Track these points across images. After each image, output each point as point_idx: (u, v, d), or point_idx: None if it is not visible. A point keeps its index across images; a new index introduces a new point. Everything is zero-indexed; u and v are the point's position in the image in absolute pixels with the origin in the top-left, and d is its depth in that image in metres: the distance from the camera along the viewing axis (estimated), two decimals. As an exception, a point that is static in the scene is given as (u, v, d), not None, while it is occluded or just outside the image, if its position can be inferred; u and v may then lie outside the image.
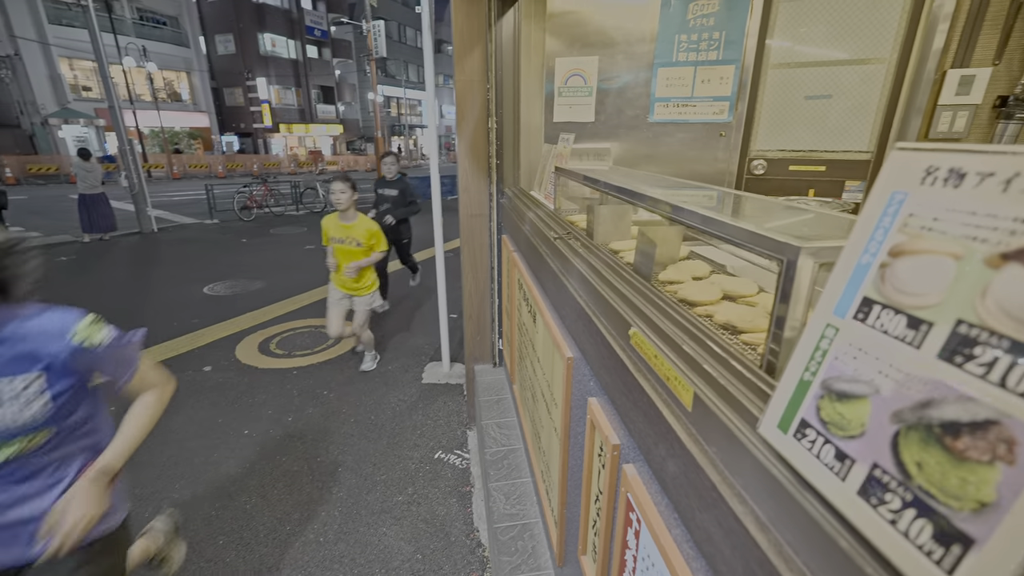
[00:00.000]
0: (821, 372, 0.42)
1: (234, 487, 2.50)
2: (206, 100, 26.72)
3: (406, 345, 4.22)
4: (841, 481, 0.38)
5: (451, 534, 2.23)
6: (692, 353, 0.64)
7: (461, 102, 2.49)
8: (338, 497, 2.45)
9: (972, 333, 0.31)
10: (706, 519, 0.54)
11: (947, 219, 0.34)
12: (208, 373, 3.69)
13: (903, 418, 0.34)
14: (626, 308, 0.86)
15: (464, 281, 2.89)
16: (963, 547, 0.29)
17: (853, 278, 0.41)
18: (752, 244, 0.63)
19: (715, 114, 2.32)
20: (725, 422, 0.54)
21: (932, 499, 0.31)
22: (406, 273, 5.67)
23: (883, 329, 0.37)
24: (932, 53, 1.97)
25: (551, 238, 1.43)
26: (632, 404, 0.77)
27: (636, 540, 0.76)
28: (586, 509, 1.09)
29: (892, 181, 0.39)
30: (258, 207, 11.02)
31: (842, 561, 0.38)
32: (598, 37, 2.40)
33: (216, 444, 2.85)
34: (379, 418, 3.15)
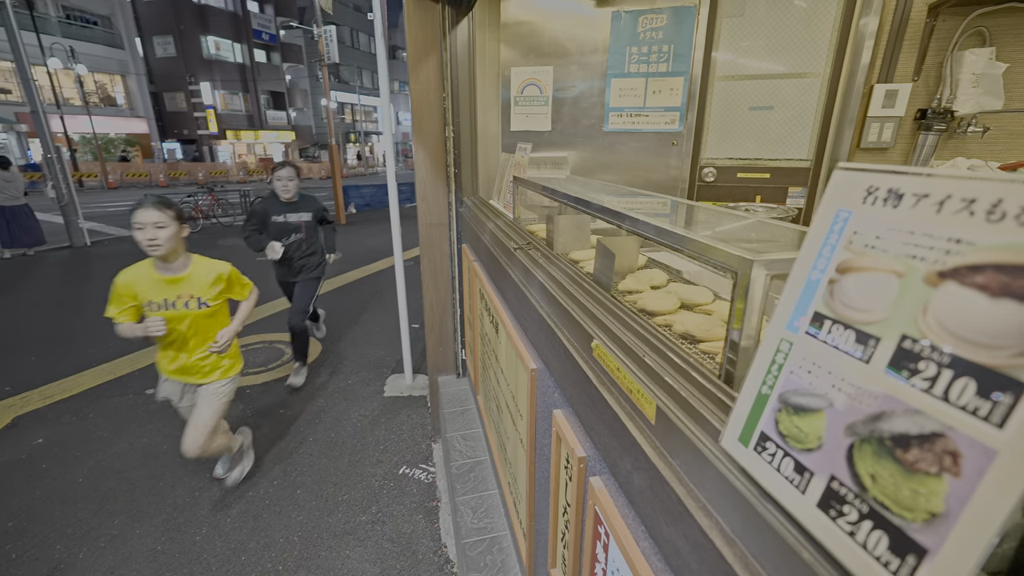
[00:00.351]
0: (778, 386, 0.43)
1: (182, 518, 2.34)
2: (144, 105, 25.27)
3: (366, 357, 4.11)
4: (801, 494, 0.39)
5: (418, 552, 2.17)
6: (654, 365, 0.65)
7: (417, 110, 2.46)
8: (297, 521, 2.34)
9: (916, 348, 0.32)
10: (672, 532, 0.55)
11: (888, 237, 0.36)
12: (151, 396, 3.45)
13: (856, 431, 0.35)
14: (587, 320, 0.87)
15: (425, 291, 2.84)
16: (917, 557, 0.30)
17: (804, 293, 0.42)
18: (706, 256, 0.65)
19: (667, 124, 2.40)
20: (688, 435, 0.54)
21: (887, 511, 0.32)
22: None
23: (834, 344, 0.38)
24: (860, 68, 2.11)
25: (512, 248, 1.43)
26: (597, 417, 0.77)
27: (605, 553, 0.76)
28: (554, 522, 1.08)
29: (837, 199, 0.40)
30: (205, 217, 10.49)
31: (805, 573, 0.38)
32: (552, 47, 2.43)
33: (162, 472, 2.67)
34: (339, 435, 3.04)
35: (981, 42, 1.95)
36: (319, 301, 4.00)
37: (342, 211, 10.99)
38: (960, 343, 0.30)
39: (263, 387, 3.60)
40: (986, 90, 1.91)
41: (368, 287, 6.10)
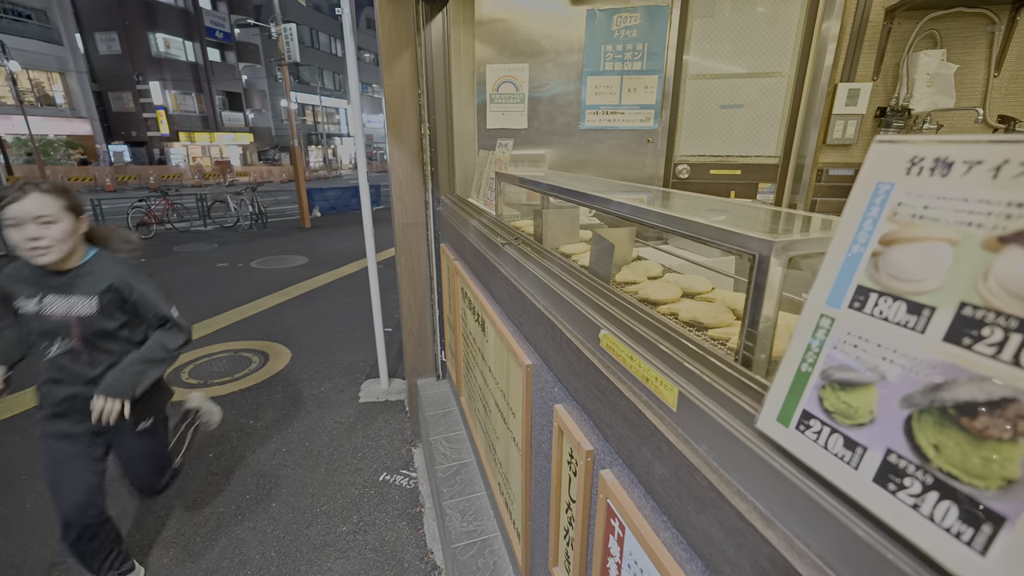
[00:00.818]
0: (820, 362, 0.42)
1: (146, 541, 2.20)
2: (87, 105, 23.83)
3: (339, 363, 3.99)
4: (854, 469, 0.38)
5: (404, 560, 2.11)
6: (671, 353, 0.64)
7: (392, 107, 2.40)
8: (274, 536, 2.23)
9: (978, 315, 0.32)
10: (704, 520, 0.54)
11: (939, 207, 0.35)
12: (106, 412, 3.23)
13: (914, 402, 0.35)
14: (591, 311, 0.85)
15: (402, 293, 2.78)
16: (994, 526, 0.30)
17: (845, 268, 0.41)
18: (722, 241, 0.64)
19: (642, 121, 2.43)
20: (717, 420, 0.53)
21: (955, 480, 0.32)
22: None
23: (883, 316, 0.38)
24: (824, 69, 2.20)
25: (499, 244, 1.40)
26: (608, 408, 0.75)
27: (620, 547, 0.75)
28: (556, 519, 1.06)
29: (876, 172, 0.40)
30: (158, 223, 9.97)
31: (861, 549, 0.38)
32: (528, 45, 2.43)
33: (122, 492, 2.49)
34: (314, 444, 2.93)
35: (933, 44, 2.07)
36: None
37: (307, 215, 10.67)
38: (1029, 306, 0.30)
39: (229, 397, 3.43)
40: (939, 89, 2.03)
41: (337, 291, 5.93)
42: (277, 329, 4.67)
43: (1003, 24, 1.96)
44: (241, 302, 5.47)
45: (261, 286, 6.12)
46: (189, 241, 9.17)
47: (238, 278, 6.53)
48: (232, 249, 8.44)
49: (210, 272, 6.86)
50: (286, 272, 6.82)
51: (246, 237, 9.56)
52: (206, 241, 9.19)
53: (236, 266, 7.19)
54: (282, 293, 5.82)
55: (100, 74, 25.36)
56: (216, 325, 4.76)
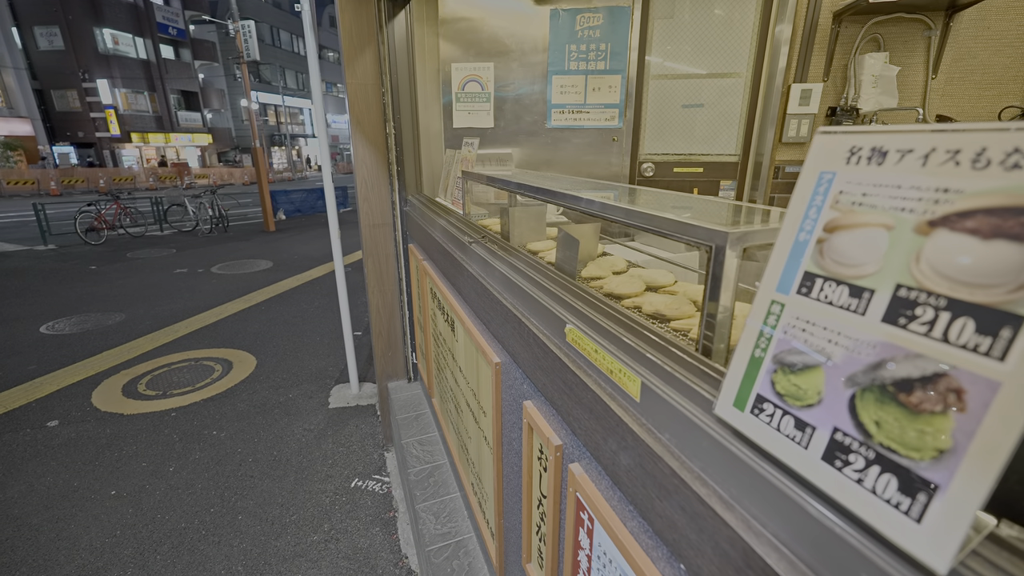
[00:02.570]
0: (772, 347, 0.44)
1: (100, 561, 2.08)
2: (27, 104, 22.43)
3: (307, 369, 3.89)
4: (804, 449, 0.40)
5: (378, 566, 2.08)
6: (634, 344, 0.65)
7: (355, 107, 2.36)
8: (240, 549, 2.15)
9: (912, 295, 0.34)
10: (667, 507, 0.55)
11: (875, 194, 0.37)
12: (54, 429, 3.06)
13: (857, 381, 0.36)
14: (558, 306, 0.86)
15: (370, 295, 2.73)
16: (928, 494, 0.31)
17: (792, 255, 0.43)
18: (680, 234, 0.66)
19: (607, 120, 2.46)
20: (678, 408, 0.54)
21: (894, 454, 0.34)
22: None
23: (828, 300, 0.39)
24: (779, 70, 2.29)
25: (466, 243, 1.40)
26: (575, 402, 0.76)
27: (589, 539, 0.75)
28: (528, 516, 1.06)
29: (820, 162, 0.42)
30: (109, 228, 9.48)
31: (812, 526, 0.39)
32: (492, 44, 2.42)
33: (71, 514, 2.36)
34: (282, 453, 2.85)
35: (877, 47, 2.18)
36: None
37: (270, 218, 10.35)
38: (956, 285, 0.32)
39: (190, 408, 3.30)
40: (883, 90, 2.14)
41: (304, 295, 5.78)
42: (241, 336, 4.51)
43: (938, 29, 2.09)
44: (202, 309, 5.27)
45: (223, 292, 5.90)
46: (144, 247, 8.75)
47: (198, 284, 6.27)
48: (191, 254, 8.11)
49: (168, 278, 6.57)
50: (249, 277, 6.60)
51: (206, 242, 9.20)
52: (163, 246, 8.80)
53: (196, 272, 6.91)
54: (246, 299, 5.63)
55: (41, 71, 23.90)
56: (175, 333, 4.56)
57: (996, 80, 2.14)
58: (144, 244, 8.99)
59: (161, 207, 10.53)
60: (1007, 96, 2.14)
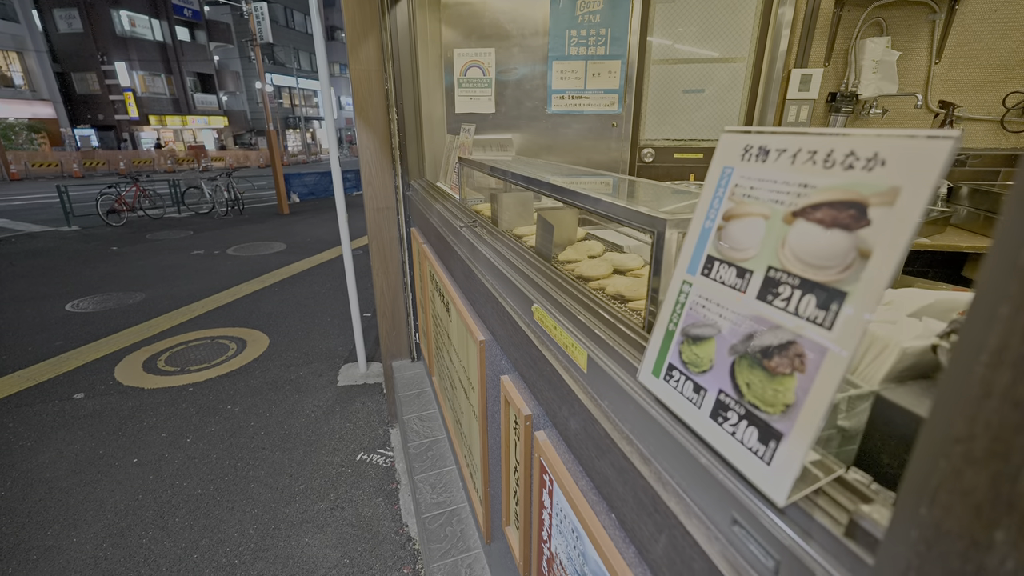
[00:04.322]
0: (681, 321, 0.50)
1: (124, 522, 2.24)
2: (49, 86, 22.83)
3: (318, 348, 4.02)
4: (697, 408, 0.46)
5: (379, 533, 2.20)
6: (586, 321, 0.71)
7: (359, 92, 2.41)
8: (252, 514, 2.30)
9: (778, 276, 0.40)
10: (603, 464, 0.62)
11: (759, 187, 0.43)
12: (80, 401, 3.24)
13: (737, 350, 0.42)
14: (529, 287, 0.92)
15: (375, 278, 2.82)
16: (776, 441, 0.38)
17: (700, 240, 0.49)
18: (629, 220, 0.71)
19: (607, 106, 2.48)
20: (614, 377, 0.61)
21: (757, 409, 0.40)
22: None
23: (720, 280, 0.45)
24: (780, 54, 2.27)
25: (458, 227, 1.46)
26: (538, 375, 0.83)
27: (550, 498, 0.83)
28: (507, 482, 1.15)
29: (723, 158, 0.47)
30: (129, 210, 9.73)
31: (702, 474, 0.46)
32: (494, 29, 2.44)
33: (97, 479, 2.53)
34: (292, 427, 2.99)
35: (880, 31, 2.15)
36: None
37: (284, 201, 10.51)
38: (806, 267, 0.37)
39: (206, 384, 3.46)
40: (884, 75, 2.12)
41: (316, 277, 5.92)
42: (255, 316, 4.67)
43: (943, 13, 2.05)
44: (218, 289, 5.44)
45: (238, 273, 6.07)
46: (163, 228, 8.98)
47: (214, 265, 6.46)
48: (208, 236, 8.31)
49: (185, 259, 6.77)
50: (264, 259, 6.76)
51: (222, 224, 9.40)
52: (180, 228, 9.02)
53: (212, 253, 7.10)
54: (259, 280, 5.79)
55: (61, 54, 24.26)
56: (192, 312, 4.73)
57: (1002, 64, 2.10)
58: (163, 226, 9.22)
59: (179, 189, 10.75)
60: (1013, 81, 2.11)
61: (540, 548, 0.92)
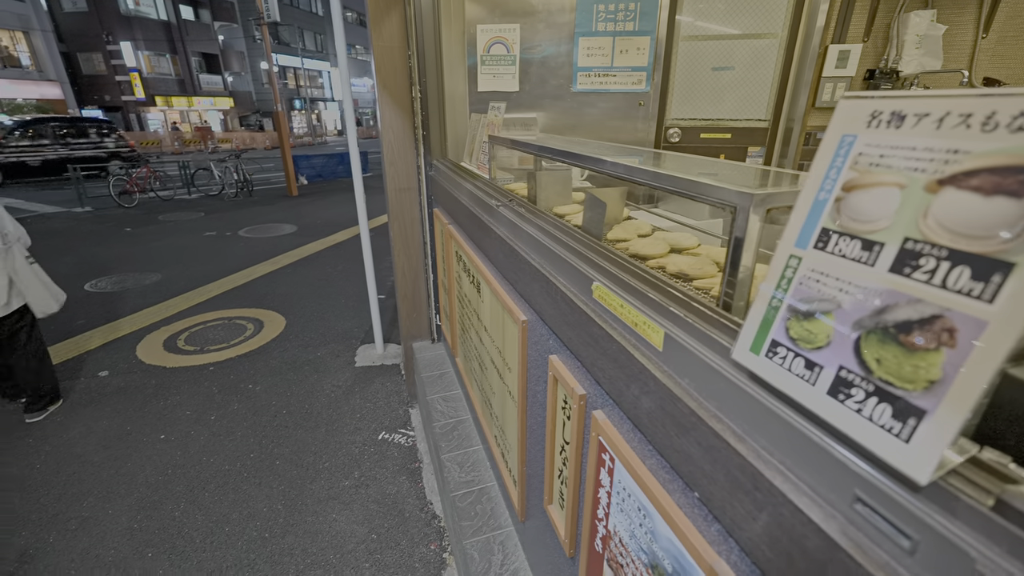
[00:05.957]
0: (788, 297, 0.48)
1: (156, 496, 2.29)
2: (55, 67, 22.68)
3: (334, 330, 4.04)
4: (812, 386, 0.45)
5: (405, 510, 2.23)
6: (659, 300, 0.70)
7: (381, 70, 2.37)
8: (279, 490, 2.34)
9: (917, 247, 0.38)
10: (684, 442, 0.61)
11: (892, 155, 0.40)
12: (105, 378, 3.28)
13: (863, 325, 0.41)
14: (585, 266, 0.91)
15: (395, 258, 2.81)
16: (917, 418, 0.36)
17: (812, 213, 0.47)
18: (707, 196, 0.69)
19: (634, 84, 2.42)
20: (698, 355, 0.60)
21: (890, 386, 0.38)
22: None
23: (841, 253, 0.43)
24: (816, 30, 2.20)
25: (494, 206, 1.44)
26: (600, 353, 0.82)
27: (610, 477, 0.83)
28: (551, 462, 1.15)
29: (842, 126, 0.45)
30: (141, 191, 9.74)
31: (814, 452, 0.44)
32: (519, 4, 2.38)
33: (127, 454, 2.57)
34: (313, 406, 3.02)
35: (924, 4, 2.07)
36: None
37: (293, 183, 10.48)
38: (957, 238, 0.35)
39: (226, 364, 3.49)
40: (927, 51, 2.05)
41: (328, 259, 5.93)
42: (270, 297, 4.69)
43: (994, -16, 1.97)
44: (232, 270, 5.46)
45: (251, 255, 6.09)
46: (174, 210, 9.00)
47: (227, 247, 6.47)
48: (219, 218, 8.32)
49: (198, 241, 6.79)
50: (275, 241, 6.77)
51: (232, 206, 9.41)
52: (192, 210, 9.03)
53: (224, 235, 7.11)
54: (272, 262, 5.80)
55: (67, 34, 24.04)
56: (209, 293, 4.76)
57: (1051, 40, 2.02)
58: (174, 207, 9.23)
59: (188, 171, 10.74)
60: (1062, 58, 2.02)
61: (593, 526, 0.92)
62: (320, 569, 1.94)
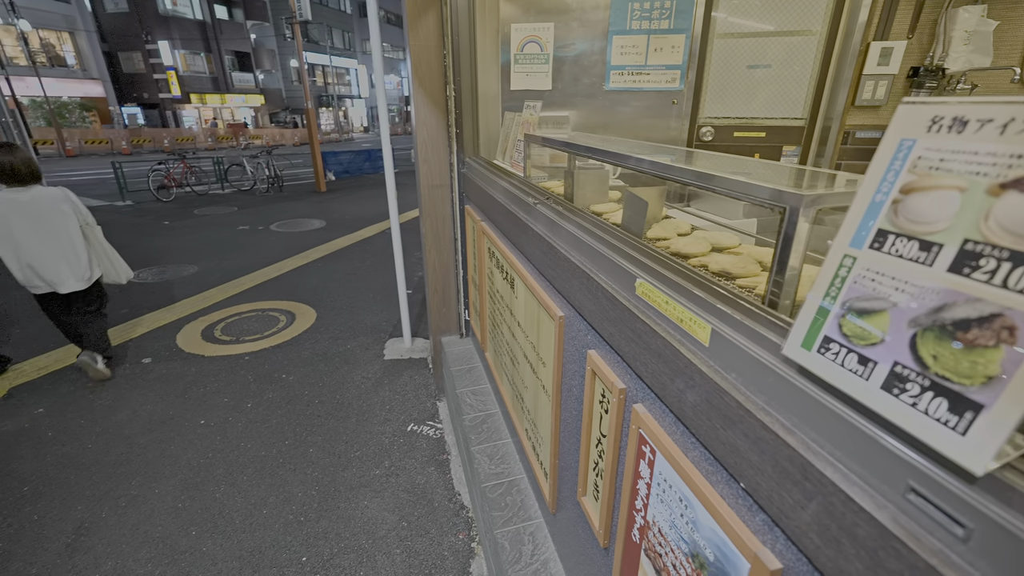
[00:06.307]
0: (841, 295, 0.50)
1: (198, 478, 2.40)
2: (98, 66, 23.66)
3: (363, 323, 4.14)
4: (865, 380, 0.46)
5: (433, 500, 2.29)
6: (704, 297, 0.72)
7: (417, 69, 2.42)
8: (313, 477, 2.42)
9: (977, 248, 0.39)
10: (731, 435, 0.63)
11: (953, 159, 0.42)
12: (148, 365, 3.45)
13: (920, 322, 0.43)
14: (627, 263, 0.93)
15: (426, 254, 2.87)
16: (974, 412, 0.38)
17: (868, 214, 0.48)
18: (754, 196, 0.71)
19: (668, 82, 2.41)
20: (746, 350, 0.62)
21: (947, 381, 0.40)
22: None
23: (898, 254, 0.45)
24: (857, 26, 2.16)
25: (532, 204, 1.47)
26: (643, 348, 0.84)
27: (650, 469, 0.85)
28: (585, 454, 1.17)
29: (901, 130, 0.46)
30: (177, 186, 10.11)
31: (866, 443, 0.46)
32: (553, 3, 2.40)
33: (170, 437, 2.70)
34: (344, 397, 3.11)
35: (974, 0, 2.01)
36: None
37: (322, 178, 10.71)
38: (1020, 239, 0.37)
39: (261, 354, 3.62)
40: (976, 47, 1.98)
41: (356, 254, 6.06)
42: (301, 290, 4.83)
43: (1048, -22, 1.90)
44: (264, 264, 5.63)
45: (282, 249, 6.27)
46: (208, 204, 9.31)
47: (259, 240, 6.68)
48: (251, 212, 8.57)
49: (232, 234, 7.02)
50: (305, 235, 6.95)
51: (263, 200, 9.68)
52: (225, 204, 9.33)
53: (256, 229, 7.33)
54: (302, 256, 5.96)
55: (109, 33, 25.04)
56: (243, 286, 4.93)
57: (1110, 36, 1.93)
58: (208, 202, 9.55)
59: (222, 167, 11.08)
60: (1122, 54, 1.93)
61: (631, 516, 0.95)
62: (354, 553, 2.01)
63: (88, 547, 2.01)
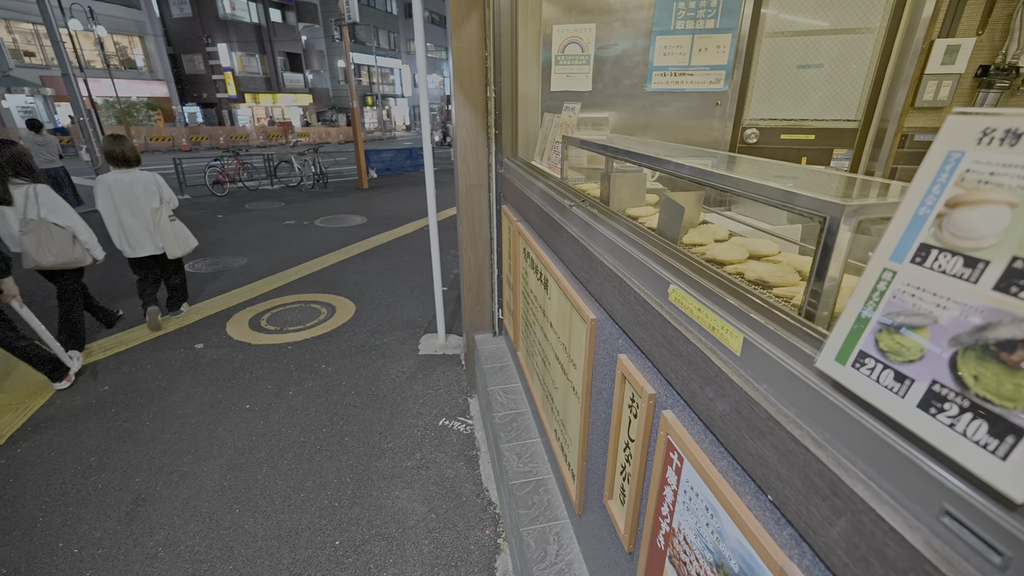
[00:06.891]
0: (879, 310, 0.49)
1: (243, 459, 2.54)
2: (163, 68, 25.21)
3: (399, 318, 4.25)
4: (900, 398, 0.45)
5: (462, 494, 2.33)
6: (737, 305, 0.71)
7: (459, 70, 2.46)
8: (348, 465, 2.52)
9: (1027, 267, 0.38)
10: (760, 446, 0.62)
11: (1004, 173, 0.40)
12: (201, 351, 3.66)
13: (961, 341, 0.41)
14: (660, 268, 0.92)
15: (463, 252, 2.91)
16: (1016, 437, 0.37)
17: (911, 227, 0.47)
18: (793, 205, 0.69)
19: (712, 83, 2.36)
20: (778, 361, 0.61)
21: (988, 403, 0.39)
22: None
23: (941, 269, 0.44)
24: (921, 23, 2.04)
25: (567, 206, 1.48)
26: (673, 355, 0.84)
27: (677, 476, 0.85)
28: (613, 458, 1.17)
29: (949, 142, 0.45)
30: (231, 182, 10.65)
31: (900, 462, 0.45)
32: (595, 3, 2.39)
33: (219, 419, 2.87)
34: (380, 389, 3.21)
35: (1053, -7, 1.86)
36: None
37: (364, 176, 11.02)
38: (1071, 259, 0.35)
39: (303, 344, 3.78)
40: (1054, 45, 1.84)
41: (395, 250, 6.21)
42: (341, 284, 5.00)
43: None
44: (308, 257, 5.87)
45: (325, 243, 6.50)
46: (258, 199, 9.76)
47: (304, 235, 6.95)
48: (297, 207, 8.93)
49: (279, 228, 7.34)
50: (347, 231, 7.18)
51: (309, 196, 10.06)
52: (273, 199, 9.75)
53: (302, 224, 7.64)
54: (344, 251, 6.16)
55: (174, 37, 26.63)
56: (288, 278, 5.15)
57: None
58: (258, 197, 10.02)
59: (272, 163, 11.59)
60: None
61: (656, 523, 0.95)
62: (384, 541, 2.07)
63: (144, 516, 2.17)
